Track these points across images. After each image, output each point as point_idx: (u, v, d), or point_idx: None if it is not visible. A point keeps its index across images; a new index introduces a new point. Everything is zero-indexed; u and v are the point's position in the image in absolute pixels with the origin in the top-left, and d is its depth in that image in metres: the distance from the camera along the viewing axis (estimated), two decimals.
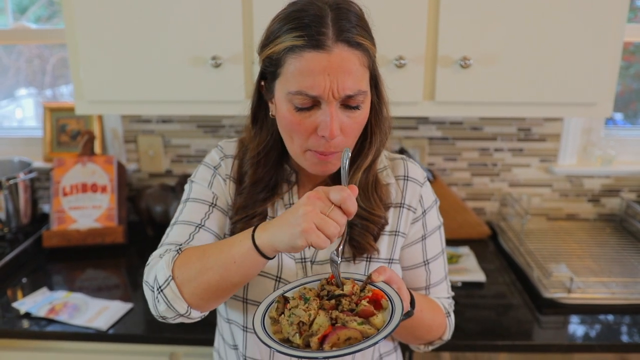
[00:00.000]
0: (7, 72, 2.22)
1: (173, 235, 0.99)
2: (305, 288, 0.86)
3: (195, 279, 0.87)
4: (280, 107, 0.90)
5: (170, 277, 0.87)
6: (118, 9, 1.46)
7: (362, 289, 0.83)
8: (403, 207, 1.04)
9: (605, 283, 1.56)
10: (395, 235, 1.03)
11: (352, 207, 0.78)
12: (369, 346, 0.73)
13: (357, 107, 0.88)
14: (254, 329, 0.79)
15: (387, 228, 1.02)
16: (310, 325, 0.77)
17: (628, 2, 1.41)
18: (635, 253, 1.76)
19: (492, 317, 1.47)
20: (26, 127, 2.27)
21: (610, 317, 1.45)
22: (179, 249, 0.92)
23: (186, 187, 1.07)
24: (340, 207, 0.77)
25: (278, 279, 0.99)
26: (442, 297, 1.11)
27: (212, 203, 1.02)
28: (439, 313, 1.06)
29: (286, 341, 0.78)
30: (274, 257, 0.84)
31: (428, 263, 1.07)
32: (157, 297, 0.89)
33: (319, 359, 0.72)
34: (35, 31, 1.98)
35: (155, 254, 0.97)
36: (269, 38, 0.89)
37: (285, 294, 0.86)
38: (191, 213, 1.01)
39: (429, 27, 1.44)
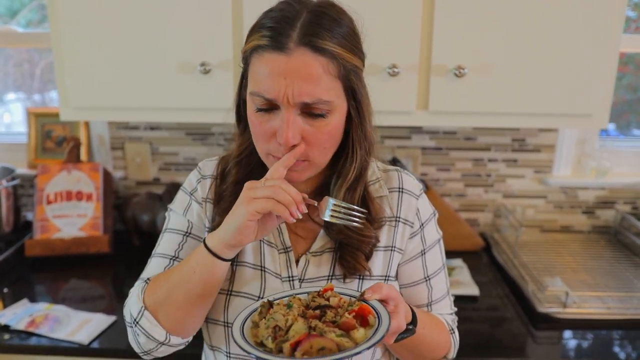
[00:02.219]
0: None
1: (149, 269, 1.00)
2: (295, 297, 0.84)
3: (165, 302, 0.89)
4: (248, 107, 0.88)
5: (143, 307, 0.90)
6: (105, 13, 1.43)
7: (352, 304, 0.80)
8: (399, 221, 0.98)
9: (600, 297, 1.53)
10: (392, 251, 0.98)
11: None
12: (342, 358, 0.70)
13: (321, 115, 0.83)
14: (231, 328, 0.79)
15: (382, 244, 0.97)
16: (287, 331, 0.75)
17: (624, 13, 1.39)
18: (630, 266, 1.74)
19: (486, 331, 1.43)
20: (12, 132, 2.22)
21: (606, 333, 1.43)
22: (148, 279, 0.93)
23: (166, 214, 1.06)
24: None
25: (260, 299, 0.94)
26: (445, 313, 1.06)
27: (187, 232, 1.00)
28: (442, 330, 1.02)
29: (260, 345, 0.76)
30: (232, 256, 0.86)
31: (429, 279, 1.02)
32: (135, 332, 0.90)
33: None
34: (22, 35, 1.95)
35: (132, 290, 0.97)
36: (248, 33, 0.88)
37: (272, 301, 0.84)
38: (166, 245, 1.00)
39: (423, 35, 1.41)
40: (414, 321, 0.88)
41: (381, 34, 1.40)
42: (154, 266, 0.99)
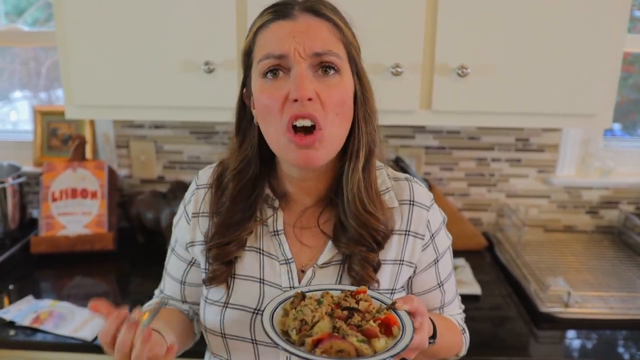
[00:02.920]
0: (2, 74, 2.20)
1: (166, 286, 1.09)
2: (327, 293, 0.84)
3: None
4: (255, 91, 0.87)
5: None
6: (110, 12, 1.44)
7: (380, 311, 0.81)
8: (409, 234, 0.96)
9: (603, 298, 1.53)
10: (400, 264, 0.96)
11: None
12: None
13: (331, 68, 0.84)
14: (262, 312, 0.81)
15: (391, 257, 0.95)
16: (312, 327, 0.76)
17: (628, 13, 1.39)
18: (633, 266, 1.74)
19: (488, 330, 1.44)
20: (18, 130, 2.24)
21: (608, 333, 1.43)
22: (164, 302, 0.95)
23: (173, 228, 1.09)
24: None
25: (256, 311, 0.93)
26: (455, 313, 1.08)
27: (190, 262, 1.05)
28: (456, 333, 1.04)
29: (285, 334, 0.78)
30: None
31: (442, 284, 1.03)
32: None
33: (303, 358, 0.72)
34: (28, 33, 1.96)
35: (157, 291, 1.12)
36: (246, 36, 0.91)
37: (306, 293, 0.85)
38: (174, 269, 1.07)
39: (427, 34, 1.42)
40: (434, 335, 0.89)
41: (384, 34, 1.40)
42: (169, 287, 1.08)
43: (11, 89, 2.24)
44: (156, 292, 1.14)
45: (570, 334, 1.43)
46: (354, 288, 0.85)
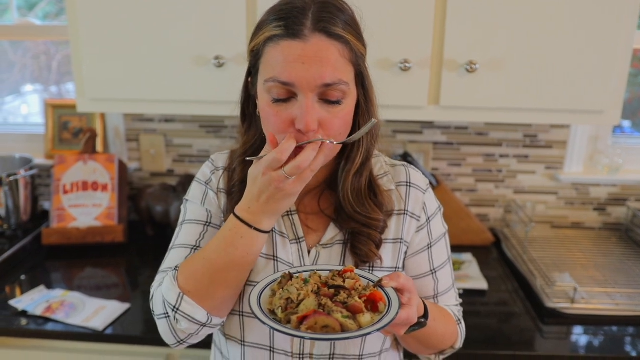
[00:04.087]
0: (13, 68, 2.22)
1: (170, 260, 1.00)
2: (315, 273, 0.86)
3: (202, 280, 0.89)
4: (260, 100, 0.88)
5: (181, 293, 0.89)
6: (121, 7, 1.45)
7: (366, 288, 0.82)
8: (406, 214, 1.01)
9: (609, 294, 1.54)
10: (400, 243, 1.00)
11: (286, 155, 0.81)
12: (342, 339, 0.73)
13: (337, 102, 0.85)
14: (250, 293, 0.83)
15: (391, 236, 0.99)
16: (298, 305, 0.78)
17: (638, 9, 1.38)
18: None
19: (494, 325, 1.44)
20: (30, 123, 2.27)
21: (614, 329, 1.43)
22: (176, 267, 0.93)
23: (182, 207, 1.06)
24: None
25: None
26: (451, 304, 1.09)
27: (207, 222, 1.01)
28: (450, 322, 1.04)
29: (272, 313, 0.80)
30: (270, 229, 0.88)
31: (435, 272, 1.05)
32: (175, 318, 0.90)
33: (288, 334, 0.74)
34: (40, 27, 1.98)
35: (154, 284, 0.98)
36: (253, 33, 0.90)
37: (293, 274, 0.87)
38: (187, 235, 1.00)
39: (436, 30, 1.42)
40: (425, 315, 0.90)
41: (393, 29, 1.41)
42: (174, 257, 0.99)
43: (23, 82, 2.27)
44: (152, 289, 1.00)
45: (576, 329, 1.44)
46: (341, 268, 0.87)
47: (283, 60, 0.82)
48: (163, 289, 0.92)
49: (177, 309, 0.89)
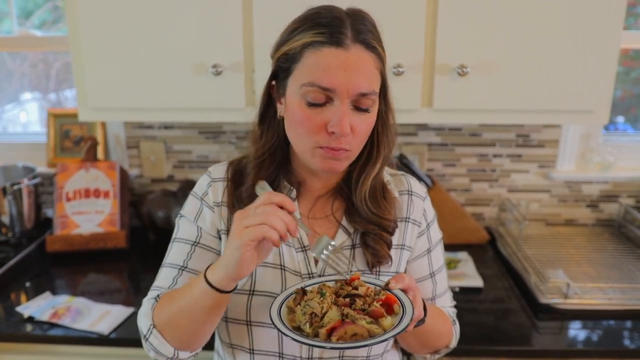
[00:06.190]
0: (12, 77, 2.25)
1: (160, 279, 1.03)
2: (324, 285, 0.90)
3: (170, 324, 0.92)
4: (291, 103, 0.90)
5: (152, 325, 0.93)
6: (121, 17, 1.48)
7: (377, 293, 0.87)
8: (408, 221, 1.06)
9: (602, 289, 1.57)
10: (401, 249, 1.05)
11: (277, 197, 0.83)
12: (374, 343, 0.77)
13: (366, 110, 0.90)
14: (270, 314, 0.84)
15: (394, 242, 1.03)
16: (322, 317, 0.82)
17: (624, 11, 1.42)
18: (633, 259, 1.77)
19: (490, 322, 1.48)
20: (31, 132, 2.29)
21: (608, 323, 1.47)
22: (158, 296, 0.96)
23: (176, 222, 1.07)
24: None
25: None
26: (447, 306, 1.14)
27: (195, 242, 1.02)
28: (446, 321, 1.09)
29: (297, 329, 0.83)
30: (233, 288, 0.87)
31: (434, 275, 1.10)
32: (145, 346, 0.95)
33: (325, 348, 0.77)
34: (40, 38, 2.01)
35: (145, 299, 1.01)
36: (285, 37, 0.92)
37: (305, 288, 0.90)
38: (175, 255, 1.03)
39: (427, 35, 1.46)
40: (425, 312, 0.94)
41: (386, 34, 1.42)
42: (164, 275, 1.02)
43: (21, 90, 2.30)
44: (150, 294, 1.02)
45: (570, 324, 1.47)
46: (347, 277, 0.91)
47: (325, 66, 0.86)
48: (140, 314, 0.97)
49: (147, 339, 0.94)
